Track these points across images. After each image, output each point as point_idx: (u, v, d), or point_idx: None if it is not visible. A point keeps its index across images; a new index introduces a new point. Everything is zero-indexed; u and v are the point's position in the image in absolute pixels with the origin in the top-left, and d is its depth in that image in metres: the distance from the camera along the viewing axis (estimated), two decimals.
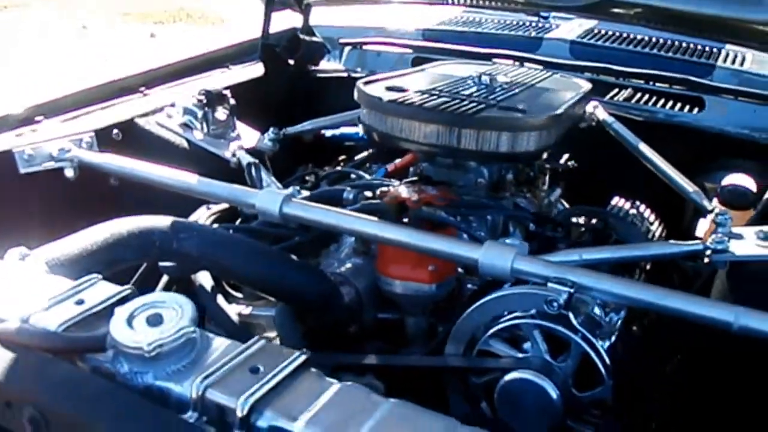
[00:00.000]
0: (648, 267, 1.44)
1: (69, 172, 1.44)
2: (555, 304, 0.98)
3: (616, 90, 1.86)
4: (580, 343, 0.99)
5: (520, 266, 1.04)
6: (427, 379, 1.17)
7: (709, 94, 1.73)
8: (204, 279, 1.29)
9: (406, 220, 1.21)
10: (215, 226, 1.34)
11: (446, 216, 1.19)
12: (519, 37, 1.96)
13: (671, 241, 1.20)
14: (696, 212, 1.66)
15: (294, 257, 1.21)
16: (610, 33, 1.97)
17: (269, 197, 1.22)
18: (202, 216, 1.39)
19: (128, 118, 1.61)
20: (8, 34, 5.18)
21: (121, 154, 1.53)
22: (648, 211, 1.64)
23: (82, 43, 5.87)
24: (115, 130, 1.58)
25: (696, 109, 1.75)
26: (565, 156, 1.71)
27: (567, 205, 1.67)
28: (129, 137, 1.59)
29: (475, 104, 1.25)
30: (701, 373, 1.17)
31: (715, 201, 1.53)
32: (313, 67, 2.07)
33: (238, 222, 1.41)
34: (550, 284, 1.01)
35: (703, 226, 1.58)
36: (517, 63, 1.87)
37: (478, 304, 1.05)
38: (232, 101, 1.68)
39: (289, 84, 1.97)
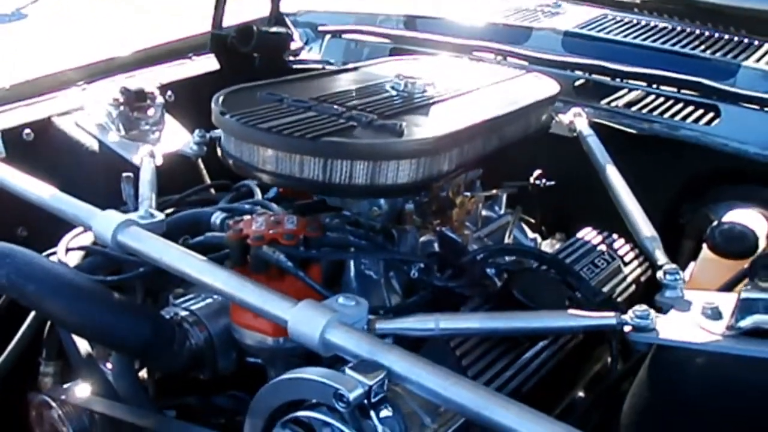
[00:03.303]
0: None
1: None
2: (345, 399, 0.75)
3: (624, 91, 1.52)
4: None
5: (332, 337, 0.81)
6: None
7: (726, 101, 1.36)
8: None
9: None
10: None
11: (284, 260, 0.96)
12: (507, 26, 1.65)
13: (573, 312, 0.91)
14: (695, 252, 1.34)
15: (116, 295, 1.04)
16: (617, 21, 1.61)
17: (105, 221, 1.05)
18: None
19: (45, 116, 1.50)
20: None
21: (30, 157, 1.43)
22: (626, 247, 1.32)
23: None
24: (27, 130, 1.46)
25: (710, 121, 1.39)
26: (537, 172, 1.42)
27: (530, 235, 1.39)
28: (42, 138, 1.47)
29: (344, 121, 1.01)
30: None
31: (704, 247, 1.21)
32: (291, 58, 1.87)
33: None
34: (348, 371, 0.77)
35: (690, 270, 1.27)
36: (500, 57, 1.58)
37: (269, 384, 0.83)
38: (160, 99, 1.52)
39: (251, 77, 1.78)
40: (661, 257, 1.01)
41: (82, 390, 1.14)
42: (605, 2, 1.53)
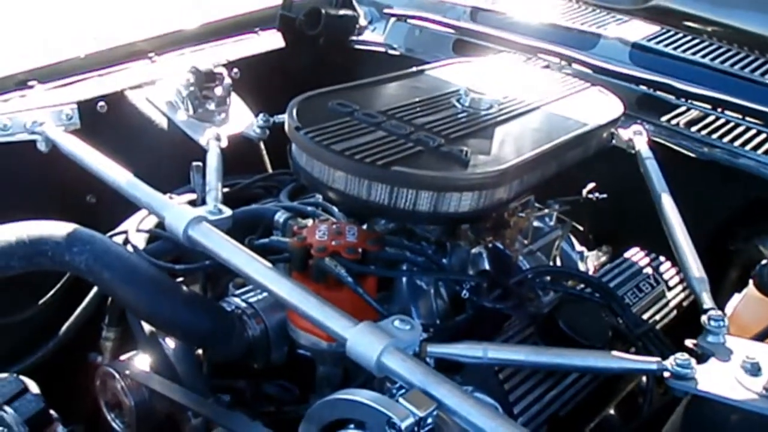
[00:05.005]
0: None
1: (41, 146, 1.40)
2: (397, 428, 0.80)
3: (683, 109, 1.52)
4: None
5: (388, 362, 0.87)
6: None
7: None
8: None
9: None
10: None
11: (345, 275, 1.02)
12: (575, 31, 1.63)
13: (616, 354, 0.95)
14: (740, 281, 1.35)
15: (183, 288, 1.11)
16: (687, 36, 1.59)
17: (178, 215, 1.10)
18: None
19: (118, 89, 1.54)
20: None
21: (103, 129, 1.48)
22: (672, 271, 1.34)
23: None
24: (101, 102, 1.51)
25: None
26: (590, 185, 1.44)
27: (578, 247, 1.42)
28: (114, 111, 1.52)
29: (412, 145, 1.04)
30: None
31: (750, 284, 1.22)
32: (353, 38, 1.89)
33: None
34: (402, 400, 0.83)
35: (733, 303, 1.29)
36: (564, 62, 1.58)
37: (325, 400, 0.89)
38: (228, 80, 1.56)
39: (316, 57, 1.81)
40: (707, 301, 1.03)
41: (143, 363, 1.22)
42: (677, 26, 1.49)
